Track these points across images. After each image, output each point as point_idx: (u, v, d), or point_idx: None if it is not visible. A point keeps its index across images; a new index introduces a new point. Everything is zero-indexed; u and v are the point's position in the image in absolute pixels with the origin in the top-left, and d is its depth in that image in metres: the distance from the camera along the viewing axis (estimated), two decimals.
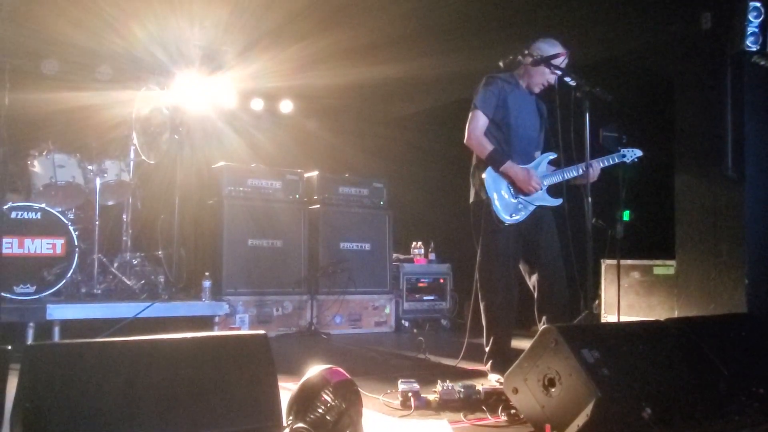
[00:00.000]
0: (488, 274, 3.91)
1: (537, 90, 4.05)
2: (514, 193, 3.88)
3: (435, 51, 7.27)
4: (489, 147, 3.88)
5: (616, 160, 4.03)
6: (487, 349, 3.98)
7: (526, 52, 3.90)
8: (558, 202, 3.94)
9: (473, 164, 4.05)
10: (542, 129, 4.13)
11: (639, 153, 4.05)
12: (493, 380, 3.72)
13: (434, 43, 7.15)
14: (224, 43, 7.34)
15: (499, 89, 3.96)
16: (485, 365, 3.98)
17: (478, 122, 3.93)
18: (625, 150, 4.04)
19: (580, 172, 3.86)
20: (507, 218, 3.85)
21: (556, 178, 3.93)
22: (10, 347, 1.87)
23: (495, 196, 3.84)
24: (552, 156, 4.04)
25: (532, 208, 3.90)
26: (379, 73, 7.96)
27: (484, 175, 3.86)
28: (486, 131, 3.94)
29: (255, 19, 6.76)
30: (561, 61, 3.87)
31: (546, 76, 3.95)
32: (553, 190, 3.97)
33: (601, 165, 3.98)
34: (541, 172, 3.96)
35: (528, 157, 4.00)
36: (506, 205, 3.86)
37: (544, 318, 3.89)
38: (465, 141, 3.98)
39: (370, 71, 7.95)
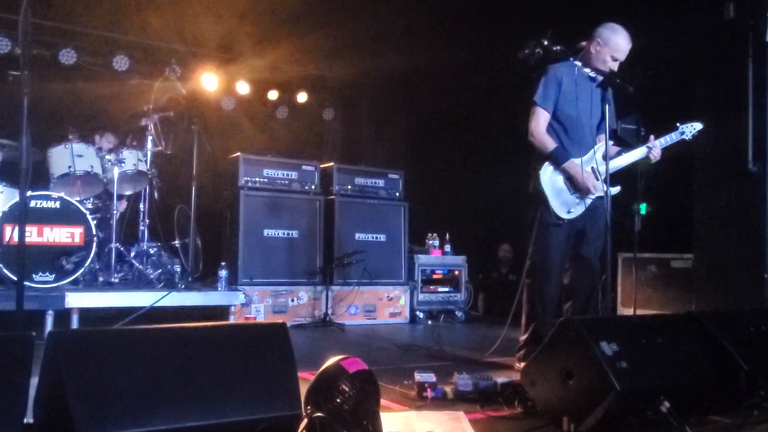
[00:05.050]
0: (542, 266, 3.89)
1: (597, 75, 3.90)
2: (573, 188, 3.86)
3: (453, 42, 7.24)
4: (551, 146, 3.86)
5: (676, 138, 3.96)
6: (522, 338, 3.96)
7: (598, 40, 3.85)
8: (616, 189, 3.88)
9: (533, 157, 3.98)
10: (602, 115, 3.90)
11: (699, 126, 3.97)
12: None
13: (453, 33, 7.12)
14: (241, 34, 7.35)
15: (557, 79, 3.90)
16: (517, 353, 3.97)
17: (539, 120, 3.90)
18: (684, 126, 3.96)
19: (636, 157, 3.88)
20: (564, 215, 3.84)
21: (611, 167, 3.81)
22: (34, 333, 1.89)
23: (552, 193, 3.83)
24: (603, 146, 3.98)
25: (589, 201, 3.88)
26: (395, 64, 7.95)
27: (541, 172, 3.85)
28: (547, 125, 3.92)
29: (271, 10, 6.77)
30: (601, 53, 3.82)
31: (608, 64, 3.84)
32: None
33: (662, 144, 3.92)
34: (599, 161, 3.89)
35: (585, 146, 3.93)
36: (564, 202, 3.85)
37: (569, 302, 3.94)
38: (528, 137, 3.93)
39: (386, 62, 7.93)
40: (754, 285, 4.74)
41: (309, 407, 2.26)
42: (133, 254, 5.75)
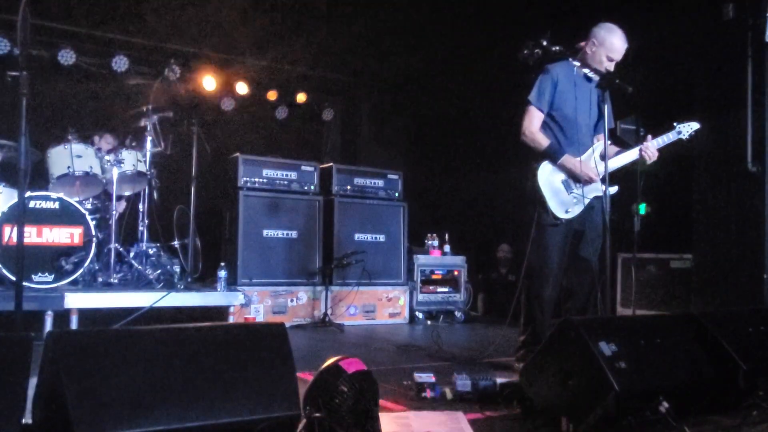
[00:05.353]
0: (540, 266, 3.90)
1: (594, 75, 3.91)
2: (571, 187, 3.86)
3: (453, 42, 7.24)
4: (544, 143, 3.86)
5: (673, 138, 3.93)
6: (521, 339, 3.96)
7: (594, 40, 3.85)
8: (614, 189, 3.84)
9: (530, 157, 3.97)
10: (600, 116, 3.97)
11: (696, 126, 3.95)
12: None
13: (453, 33, 7.13)
14: (241, 34, 7.35)
15: (553, 79, 3.91)
16: (516, 354, 3.97)
17: (532, 119, 3.90)
18: (681, 125, 3.93)
19: (633, 157, 3.87)
20: (562, 215, 3.84)
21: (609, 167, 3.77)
22: (33, 334, 1.89)
23: (549, 193, 3.83)
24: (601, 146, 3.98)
25: (587, 200, 3.87)
26: (395, 64, 7.95)
27: (538, 172, 3.84)
28: (542, 123, 3.92)
29: (271, 10, 6.77)
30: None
31: (604, 64, 3.85)
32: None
33: (658, 144, 3.89)
34: (597, 161, 3.86)
35: (583, 146, 3.93)
36: (562, 202, 3.85)
37: (569, 303, 3.95)
38: (521, 137, 3.94)
39: (386, 62, 7.93)
40: (753, 285, 4.74)
41: (308, 407, 2.26)
42: (132, 255, 5.74)
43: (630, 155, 3.93)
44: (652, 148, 3.88)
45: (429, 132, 8.70)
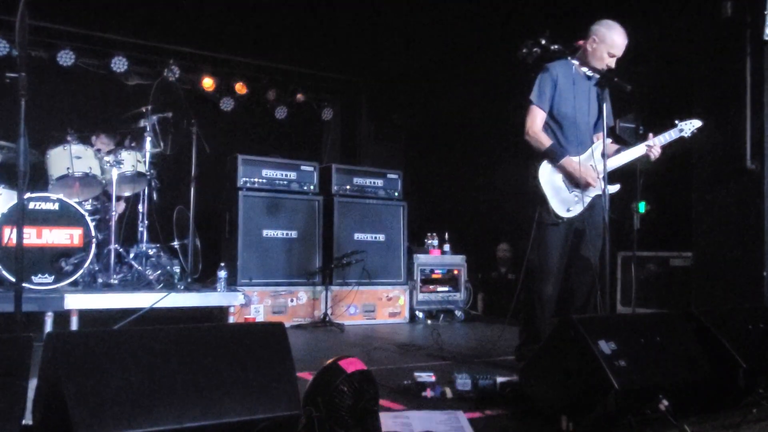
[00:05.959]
0: (540, 265, 3.90)
1: (594, 74, 3.91)
2: (571, 187, 3.86)
3: (453, 41, 7.24)
4: (546, 143, 3.86)
5: (675, 136, 3.93)
6: (521, 338, 3.97)
7: (594, 37, 3.85)
8: (615, 188, 3.86)
9: (531, 156, 3.97)
10: (600, 114, 3.95)
11: (698, 123, 3.95)
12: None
13: (452, 33, 7.13)
14: (241, 34, 7.35)
15: (552, 78, 3.91)
16: (516, 353, 3.99)
17: (535, 118, 3.90)
18: (682, 123, 3.93)
19: (636, 155, 3.87)
20: (564, 214, 3.84)
21: (610, 165, 3.79)
22: (32, 335, 1.89)
23: (551, 192, 3.83)
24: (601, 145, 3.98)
25: (588, 199, 3.87)
26: (395, 64, 7.94)
27: (539, 171, 3.84)
28: (543, 123, 3.93)
29: (271, 9, 6.77)
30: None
31: (605, 61, 3.84)
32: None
33: (661, 142, 3.88)
34: (597, 160, 3.87)
35: (582, 144, 3.92)
36: (563, 200, 3.85)
37: (569, 302, 3.96)
38: (523, 136, 3.93)
39: (386, 62, 7.93)
40: (752, 283, 4.74)
41: (308, 407, 2.26)
42: (132, 255, 5.74)
43: (634, 152, 3.92)
44: (657, 145, 3.88)
45: (428, 131, 8.70)
